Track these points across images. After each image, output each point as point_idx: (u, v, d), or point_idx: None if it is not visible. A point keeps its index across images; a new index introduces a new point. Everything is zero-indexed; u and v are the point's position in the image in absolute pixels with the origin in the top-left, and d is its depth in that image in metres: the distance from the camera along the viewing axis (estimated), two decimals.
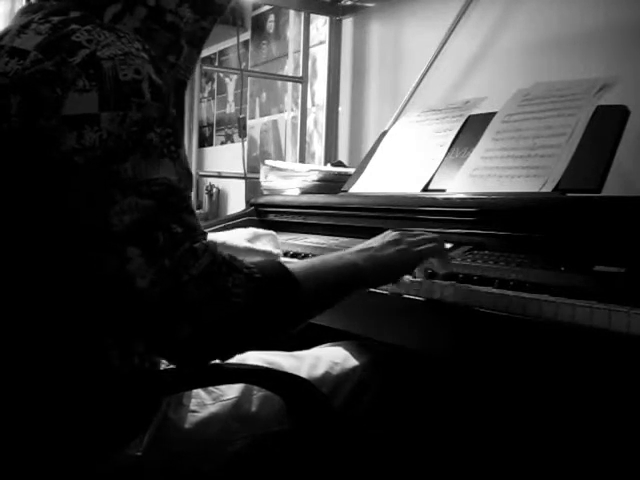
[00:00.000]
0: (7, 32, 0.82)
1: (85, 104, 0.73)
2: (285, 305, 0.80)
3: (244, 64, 2.91)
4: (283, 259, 1.38)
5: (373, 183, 1.57)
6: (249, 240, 1.33)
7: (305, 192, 1.76)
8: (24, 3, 2.22)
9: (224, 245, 1.27)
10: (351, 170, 1.75)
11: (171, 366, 0.87)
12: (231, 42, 2.59)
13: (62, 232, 0.75)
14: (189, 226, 0.75)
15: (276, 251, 1.33)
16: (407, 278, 1.03)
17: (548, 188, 1.15)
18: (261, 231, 1.39)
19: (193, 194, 2.19)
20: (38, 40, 0.77)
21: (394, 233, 0.97)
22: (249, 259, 0.80)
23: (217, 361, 0.82)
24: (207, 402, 0.95)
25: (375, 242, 0.95)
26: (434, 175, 1.42)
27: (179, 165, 0.78)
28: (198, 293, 0.72)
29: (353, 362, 1.10)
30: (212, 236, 1.35)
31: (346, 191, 1.62)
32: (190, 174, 0.81)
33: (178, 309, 0.72)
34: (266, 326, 0.79)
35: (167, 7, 0.88)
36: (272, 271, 0.80)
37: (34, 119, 0.73)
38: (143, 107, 0.75)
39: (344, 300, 0.90)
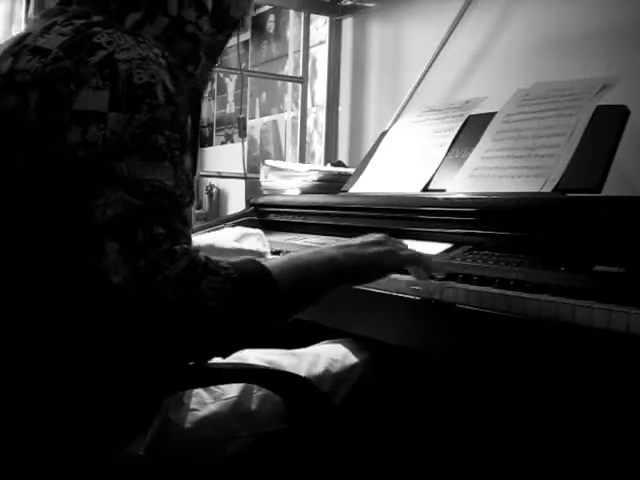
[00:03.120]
0: (29, 34, 0.84)
1: (95, 101, 0.74)
2: (263, 303, 0.78)
3: (244, 64, 2.91)
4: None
5: (373, 183, 1.57)
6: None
7: (305, 192, 1.76)
8: (24, 4, 2.22)
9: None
10: (351, 170, 1.76)
11: None
12: (231, 42, 2.59)
13: (51, 225, 0.75)
14: (173, 230, 0.75)
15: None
16: (407, 278, 1.03)
17: (548, 188, 1.15)
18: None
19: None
20: (61, 40, 0.78)
21: (378, 235, 0.96)
22: (233, 259, 0.80)
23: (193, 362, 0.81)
24: (207, 401, 0.95)
25: (357, 240, 0.94)
26: (434, 175, 1.42)
27: (180, 171, 0.78)
28: (171, 295, 0.71)
29: (353, 359, 1.11)
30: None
31: (346, 191, 1.62)
32: (191, 184, 0.81)
33: (152, 310, 0.71)
34: (245, 326, 0.78)
35: (188, 18, 0.90)
36: (249, 270, 0.78)
37: (48, 113, 0.74)
38: (155, 109, 0.76)
39: (326, 296, 0.88)
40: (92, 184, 0.73)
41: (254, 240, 1.37)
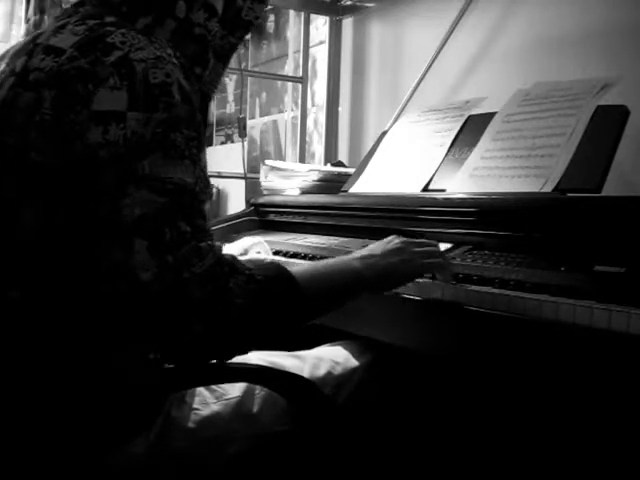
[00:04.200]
0: (42, 33, 0.85)
1: (114, 101, 0.75)
2: (285, 307, 0.81)
3: (244, 64, 2.91)
4: (281, 259, 1.38)
5: (373, 183, 1.57)
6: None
7: (305, 192, 1.76)
8: (24, 4, 2.22)
9: None
10: (351, 170, 1.76)
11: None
12: None
13: (78, 224, 0.76)
14: (198, 227, 0.76)
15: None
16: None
17: (548, 188, 1.15)
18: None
19: None
20: (74, 40, 0.79)
21: (398, 240, 0.98)
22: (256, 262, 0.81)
23: (215, 361, 0.82)
24: (210, 400, 0.95)
25: (378, 248, 0.96)
26: (434, 175, 1.42)
27: (199, 169, 0.79)
28: (199, 292, 0.73)
29: (354, 362, 1.11)
30: None
31: (346, 191, 1.62)
32: (208, 181, 0.83)
33: (179, 306, 0.73)
34: (266, 327, 0.80)
35: (196, 20, 0.91)
36: (274, 274, 0.81)
37: (66, 113, 0.75)
38: (172, 108, 0.77)
39: (345, 305, 0.91)
40: (116, 184, 0.74)
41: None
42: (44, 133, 0.76)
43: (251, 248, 1.40)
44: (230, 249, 1.39)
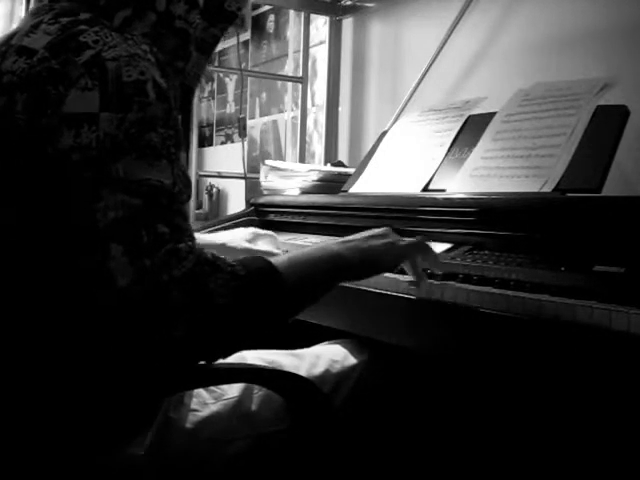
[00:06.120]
0: (16, 32, 0.82)
1: (86, 103, 0.73)
2: (270, 300, 0.78)
3: (244, 64, 2.91)
4: None
5: (373, 183, 1.57)
6: (249, 240, 1.34)
7: (305, 192, 1.76)
8: (24, 4, 2.22)
9: (224, 247, 1.27)
10: (351, 170, 1.76)
11: None
12: (231, 42, 2.60)
13: (52, 229, 0.75)
14: (177, 228, 0.74)
15: (276, 251, 1.33)
16: (406, 278, 1.03)
17: (548, 188, 1.15)
18: (261, 231, 1.39)
19: (193, 194, 2.21)
20: (47, 40, 0.77)
21: (380, 229, 0.96)
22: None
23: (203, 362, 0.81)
24: (208, 401, 0.95)
25: (360, 235, 0.93)
26: (434, 175, 1.42)
27: (177, 168, 0.77)
28: (179, 295, 0.71)
29: (352, 360, 1.11)
30: (212, 237, 1.36)
31: (346, 191, 1.62)
32: (188, 179, 0.81)
33: (160, 310, 0.71)
34: (253, 323, 0.78)
35: (176, 13, 0.88)
36: (256, 267, 0.78)
37: (38, 117, 0.73)
38: (147, 107, 0.75)
39: (331, 291, 0.88)
40: (89, 187, 0.72)
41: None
42: (18, 138, 0.74)
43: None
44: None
